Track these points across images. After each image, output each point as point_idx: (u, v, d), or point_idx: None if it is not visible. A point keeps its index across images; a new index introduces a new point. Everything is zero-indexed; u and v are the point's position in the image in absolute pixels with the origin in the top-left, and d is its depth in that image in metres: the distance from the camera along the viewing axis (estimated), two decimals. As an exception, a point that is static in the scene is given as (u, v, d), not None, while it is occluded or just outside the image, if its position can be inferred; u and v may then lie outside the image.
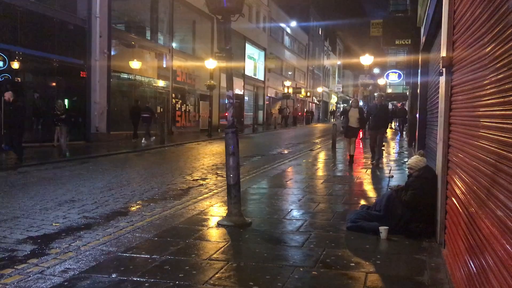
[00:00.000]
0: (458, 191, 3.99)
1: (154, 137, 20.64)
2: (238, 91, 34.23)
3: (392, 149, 17.94)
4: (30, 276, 4.02)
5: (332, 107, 74.17)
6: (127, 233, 5.46)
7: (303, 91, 52.71)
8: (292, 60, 52.56)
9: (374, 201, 6.65)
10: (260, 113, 43.57)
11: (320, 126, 45.74)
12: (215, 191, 8.50)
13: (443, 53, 4.90)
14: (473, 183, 3.34)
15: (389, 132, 22.35)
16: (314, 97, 63.77)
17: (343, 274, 4.16)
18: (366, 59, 25.52)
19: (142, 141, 19.51)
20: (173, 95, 26.59)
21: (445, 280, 3.99)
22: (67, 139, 14.27)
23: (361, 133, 15.12)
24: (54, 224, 6.05)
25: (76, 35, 19.09)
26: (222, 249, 4.86)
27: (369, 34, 23.97)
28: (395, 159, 14.32)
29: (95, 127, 19.64)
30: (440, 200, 4.91)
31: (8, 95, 11.92)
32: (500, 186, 2.58)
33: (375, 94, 14.37)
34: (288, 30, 51.16)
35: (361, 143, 18.76)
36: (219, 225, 5.80)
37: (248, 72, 38.87)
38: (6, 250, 4.90)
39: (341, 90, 77.98)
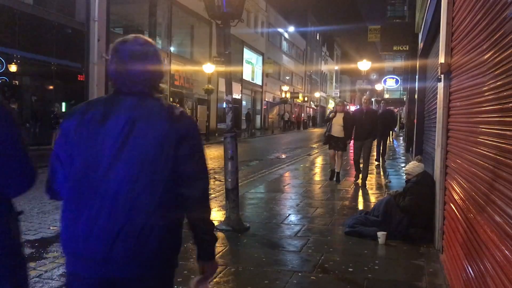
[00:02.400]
0: (456, 197, 4.00)
1: None
2: (236, 95, 34.25)
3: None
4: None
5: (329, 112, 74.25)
6: (125, 237, 5.44)
7: (300, 96, 52.82)
8: (289, 65, 52.67)
9: (372, 206, 6.66)
10: (258, 117, 43.62)
11: (317, 131, 45.78)
12: (213, 195, 8.48)
13: (441, 59, 4.93)
14: (471, 189, 3.36)
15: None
16: (311, 102, 63.89)
17: (341, 279, 4.17)
18: (364, 65, 25.62)
19: None
20: (171, 99, 26.55)
21: (443, 286, 4.00)
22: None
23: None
24: (51, 227, 6.03)
25: (74, 39, 19.09)
26: (220, 253, 4.86)
27: (366, 40, 24.05)
28: (388, 166, 14.35)
29: (93, 130, 19.58)
30: (438, 206, 4.92)
31: None
32: (499, 192, 2.59)
33: (363, 97, 10.97)
34: (286, 35, 51.31)
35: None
36: (217, 229, 5.79)
37: (246, 76, 38.93)
38: (4, 254, 4.88)
39: (338, 95, 78.20)
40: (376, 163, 13.78)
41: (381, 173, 12.01)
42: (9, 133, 1.73)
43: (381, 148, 14.20)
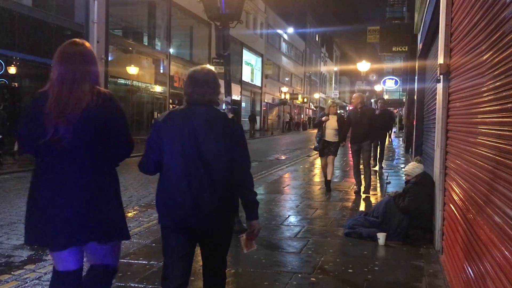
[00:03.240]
0: (456, 198, 4.00)
1: None
2: (235, 97, 34.24)
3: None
4: (27, 282, 4.00)
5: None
6: (125, 239, 5.43)
7: (300, 97, 52.83)
8: (289, 66, 52.71)
9: (371, 207, 6.65)
10: (257, 118, 43.62)
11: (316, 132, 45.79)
12: (212, 197, 8.48)
13: (440, 60, 4.93)
14: (471, 189, 3.36)
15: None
16: (311, 103, 63.91)
17: (341, 280, 4.17)
18: (363, 66, 25.68)
19: None
20: (170, 100, 26.59)
21: (443, 287, 4.00)
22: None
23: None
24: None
25: (73, 41, 19.09)
26: (220, 255, 4.84)
27: (366, 41, 24.07)
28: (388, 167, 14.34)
29: (92, 132, 19.60)
30: (438, 206, 4.92)
31: None
32: (498, 193, 2.59)
33: (354, 94, 10.07)
34: (285, 36, 51.34)
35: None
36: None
37: (245, 78, 38.95)
38: (3, 256, 4.88)
39: (337, 96, 78.25)
40: (373, 168, 11.59)
41: (377, 179, 10.88)
42: (119, 120, 2.63)
43: (378, 152, 12.50)
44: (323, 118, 8.96)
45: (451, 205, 4.22)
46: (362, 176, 9.02)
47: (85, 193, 2.51)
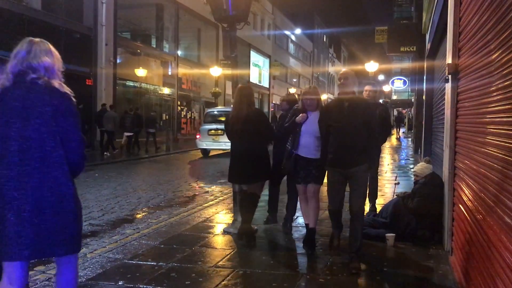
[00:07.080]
0: (465, 198, 3.97)
1: None
2: (243, 98, 34.24)
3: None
4: (37, 284, 4.03)
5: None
6: (133, 240, 5.46)
7: (308, 98, 52.64)
8: (296, 67, 52.66)
9: (380, 208, 6.61)
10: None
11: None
12: (220, 198, 8.50)
13: (449, 60, 4.91)
14: (480, 189, 3.33)
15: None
16: (319, 104, 63.80)
17: (350, 281, 4.15)
18: (371, 66, 25.57)
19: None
20: (178, 102, 26.70)
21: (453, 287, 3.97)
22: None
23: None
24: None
25: (82, 44, 19.22)
26: (228, 256, 4.86)
27: (373, 41, 24.00)
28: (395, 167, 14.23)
29: (101, 134, 19.70)
30: (447, 207, 4.89)
31: None
32: (508, 193, 2.57)
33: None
34: (293, 37, 51.31)
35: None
36: (225, 232, 5.79)
37: (253, 79, 38.97)
38: (13, 258, 4.91)
39: (346, 97, 77.91)
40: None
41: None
42: (263, 119, 5.62)
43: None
44: (299, 118, 5.10)
45: (461, 206, 4.19)
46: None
47: (250, 154, 5.25)
